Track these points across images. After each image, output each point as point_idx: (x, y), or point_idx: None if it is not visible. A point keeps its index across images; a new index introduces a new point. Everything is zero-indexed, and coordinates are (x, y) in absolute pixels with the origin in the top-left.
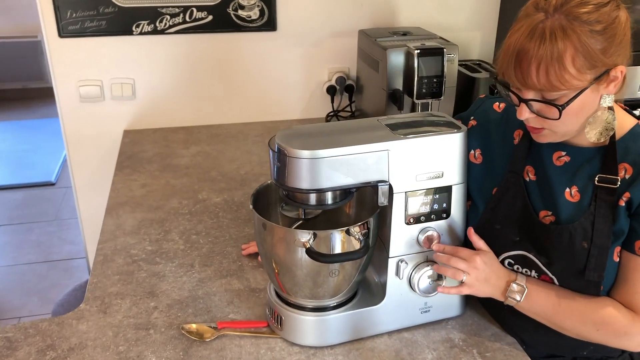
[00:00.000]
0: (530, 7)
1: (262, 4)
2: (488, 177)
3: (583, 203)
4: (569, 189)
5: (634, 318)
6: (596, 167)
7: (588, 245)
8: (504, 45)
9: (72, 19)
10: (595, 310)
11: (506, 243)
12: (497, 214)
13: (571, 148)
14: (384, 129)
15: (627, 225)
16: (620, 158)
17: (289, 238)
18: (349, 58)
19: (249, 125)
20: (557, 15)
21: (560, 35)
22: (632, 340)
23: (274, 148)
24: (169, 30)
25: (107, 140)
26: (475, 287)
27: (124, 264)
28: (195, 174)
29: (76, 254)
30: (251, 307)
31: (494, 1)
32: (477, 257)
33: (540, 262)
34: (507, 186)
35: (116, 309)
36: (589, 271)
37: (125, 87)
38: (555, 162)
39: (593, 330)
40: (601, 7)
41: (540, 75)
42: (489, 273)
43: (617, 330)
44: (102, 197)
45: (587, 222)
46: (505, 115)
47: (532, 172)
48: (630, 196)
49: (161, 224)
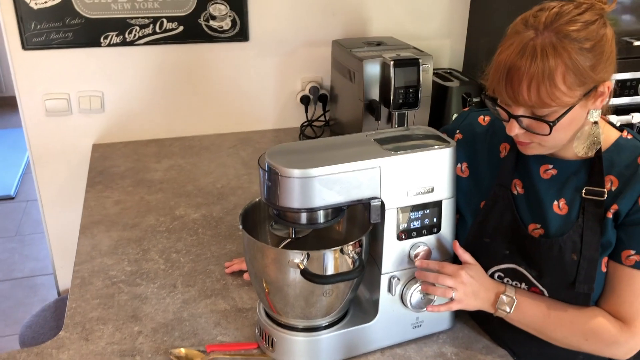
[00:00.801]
0: (520, 24)
1: (234, 14)
2: (475, 190)
3: (571, 215)
4: (557, 201)
5: (622, 327)
6: (583, 179)
7: (577, 258)
8: (494, 62)
9: (37, 31)
10: (585, 320)
11: (496, 256)
12: (486, 227)
13: (558, 161)
14: (374, 144)
15: (614, 237)
16: (606, 170)
17: (281, 259)
18: (322, 67)
19: (222, 137)
20: (547, 32)
21: (551, 52)
22: (620, 349)
23: (264, 167)
24: (139, 42)
25: (75, 154)
26: (465, 302)
27: (103, 286)
28: (170, 189)
29: (41, 271)
30: (239, 328)
31: (463, 10)
32: (463, 272)
33: (530, 275)
34: (495, 200)
35: (98, 335)
36: (579, 283)
37: (93, 100)
38: (542, 175)
39: (582, 340)
40: (589, 25)
41: (532, 92)
42: (477, 287)
43: (606, 340)
44: (71, 213)
45: (576, 234)
46: (491, 129)
47: (519, 185)
48: (617, 208)
49: (139, 242)
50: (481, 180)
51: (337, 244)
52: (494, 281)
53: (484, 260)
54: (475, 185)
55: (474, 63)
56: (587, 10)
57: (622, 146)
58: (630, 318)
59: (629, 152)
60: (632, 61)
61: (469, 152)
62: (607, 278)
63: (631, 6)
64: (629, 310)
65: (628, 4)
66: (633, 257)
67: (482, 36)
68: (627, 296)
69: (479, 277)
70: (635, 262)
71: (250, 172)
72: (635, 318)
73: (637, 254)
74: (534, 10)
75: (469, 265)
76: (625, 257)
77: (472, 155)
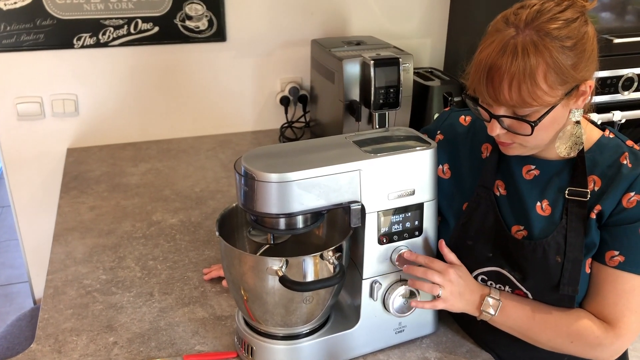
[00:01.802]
0: (500, 22)
1: (211, 14)
2: (457, 192)
3: (554, 216)
4: (540, 202)
5: (607, 329)
6: (565, 179)
7: (562, 260)
8: (475, 60)
9: (7, 32)
10: (569, 322)
11: (479, 259)
12: (469, 229)
13: (540, 161)
14: (353, 146)
15: (598, 238)
16: (589, 170)
17: (259, 266)
18: (301, 68)
19: (200, 139)
20: (528, 30)
21: (532, 50)
22: (605, 350)
23: (241, 171)
24: (113, 43)
25: (49, 159)
26: (450, 301)
27: (77, 296)
28: (147, 194)
29: (17, 279)
30: (218, 337)
31: (443, 8)
32: (451, 270)
33: (514, 277)
34: (477, 201)
35: (72, 347)
36: (563, 285)
37: (67, 103)
38: (525, 175)
39: (567, 342)
40: (571, 23)
41: (513, 91)
42: (463, 287)
43: (591, 342)
44: (45, 219)
45: (559, 236)
46: (472, 129)
47: (502, 186)
48: (601, 209)
49: (114, 249)
50: (463, 182)
51: (317, 249)
52: (479, 284)
53: (467, 263)
54: (457, 186)
55: (455, 62)
56: (568, 7)
57: (604, 145)
58: (615, 319)
59: (611, 152)
60: (613, 59)
61: (451, 153)
62: (591, 279)
63: (611, 4)
64: (613, 311)
65: (607, 2)
66: (617, 257)
67: (463, 35)
68: (611, 297)
69: (465, 278)
70: (619, 263)
71: (230, 175)
72: (619, 319)
73: (620, 254)
74: (514, 8)
75: (457, 265)
76: (609, 258)
77: (453, 156)
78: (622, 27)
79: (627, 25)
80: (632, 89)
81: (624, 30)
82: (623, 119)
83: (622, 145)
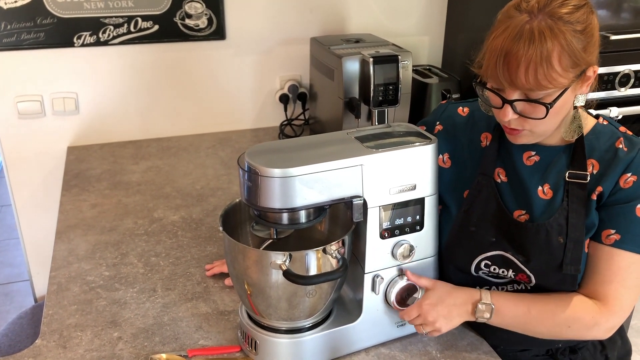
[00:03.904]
0: (512, 9)
1: (210, 13)
2: (458, 180)
3: (556, 200)
4: (541, 187)
5: (601, 308)
6: (565, 164)
7: (564, 240)
8: (488, 48)
9: (7, 31)
10: (565, 308)
11: (483, 244)
12: (471, 216)
13: (541, 148)
14: (355, 142)
15: (597, 219)
16: (588, 155)
17: (263, 260)
18: (300, 65)
19: (200, 137)
20: (542, 15)
21: (548, 34)
22: (601, 328)
23: (244, 167)
24: (113, 41)
25: (49, 157)
26: (443, 327)
27: (80, 292)
28: (148, 191)
29: (17, 277)
30: (221, 332)
31: (441, 6)
32: (423, 307)
33: (518, 260)
34: (479, 188)
35: (76, 343)
36: (566, 265)
37: (67, 101)
38: (525, 162)
39: (565, 328)
40: (580, 9)
41: (530, 74)
42: (445, 310)
43: (587, 324)
44: (46, 218)
45: (561, 217)
46: (471, 119)
47: (502, 173)
48: (602, 190)
49: (117, 246)
50: (463, 170)
51: (319, 243)
52: (465, 292)
53: (471, 249)
54: (458, 175)
55: (453, 59)
56: None
57: (600, 131)
58: (609, 296)
59: (607, 137)
60: (609, 55)
61: (451, 143)
62: (588, 258)
63: (607, 1)
64: (609, 289)
65: None
66: (613, 236)
67: (461, 32)
68: (607, 275)
69: (443, 300)
70: (614, 241)
71: (230, 172)
72: (613, 297)
73: (617, 233)
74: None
75: (428, 293)
76: (605, 237)
77: (453, 146)
78: (618, 24)
79: (623, 22)
80: (629, 86)
81: (621, 27)
82: (620, 115)
83: (616, 131)
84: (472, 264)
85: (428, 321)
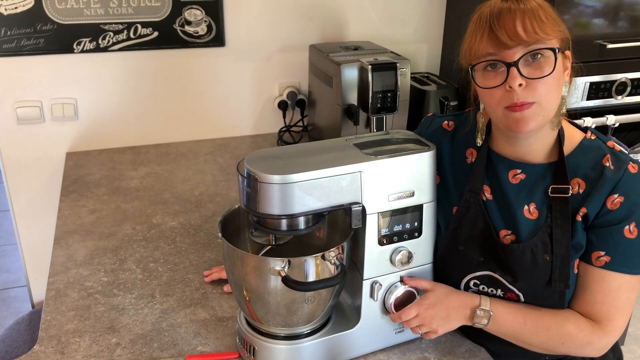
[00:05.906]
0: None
1: (210, 20)
2: (445, 197)
3: (541, 219)
4: (527, 206)
5: (594, 327)
6: (550, 182)
7: (550, 258)
8: (474, 20)
9: (7, 37)
10: (559, 325)
11: (471, 264)
12: (460, 235)
13: (526, 166)
14: (354, 149)
15: (584, 239)
16: (573, 173)
17: (262, 266)
18: (299, 72)
19: (199, 143)
20: None
21: None
22: (595, 347)
23: (243, 173)
24: (113, 48)
25: (48, 163)
26: (440, 328)
27: (78, 298)
28: (146, 197)
29: (14, 283)
30: (220, 338)
31: (439, 14)
32: (423, 307)
33: (505, 280)
34: (467, 206)
35: (74, 349)
36: (555, 282)
37: (66, 107)
38: (511, 180)
39: (559, 344)
40: None
41: (527, 26)
42: (443, 311)
43: (581, 342)
44: (44, 223)
45: (545, 235)
46: (456, 134)
47: (488, 191)
48: (586, 211)
49: (115, 252)
50: (449, 187)
51: (318, 250)
52: (465, 296)
53: (459, 267)
54: (445, 191)
55: (451, 67)
56: None
57: (587, 147)
58: (602, 317)
59: (593, 154)
60: (606, 64)
61: (437, 159)
62: (579, 279)
63: (604, 9)
64: (601, 310)
65: (600, 8)
66: (603, 258)
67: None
68: (598, 296)
69: (442, 301)
70: (605, 263)
71: (229, 178)
72: (606, 317)
73: (606, 255)
74: None
75: (427, 294)
76: (595, 259)
77: (439, 162)
78: (615, 33)
79: (620, 30)
80: (626, 94)
81: (617, 36)
82: (617, 122)
83: (604, 147)
84: (462, 283)
85: (426, 321)
